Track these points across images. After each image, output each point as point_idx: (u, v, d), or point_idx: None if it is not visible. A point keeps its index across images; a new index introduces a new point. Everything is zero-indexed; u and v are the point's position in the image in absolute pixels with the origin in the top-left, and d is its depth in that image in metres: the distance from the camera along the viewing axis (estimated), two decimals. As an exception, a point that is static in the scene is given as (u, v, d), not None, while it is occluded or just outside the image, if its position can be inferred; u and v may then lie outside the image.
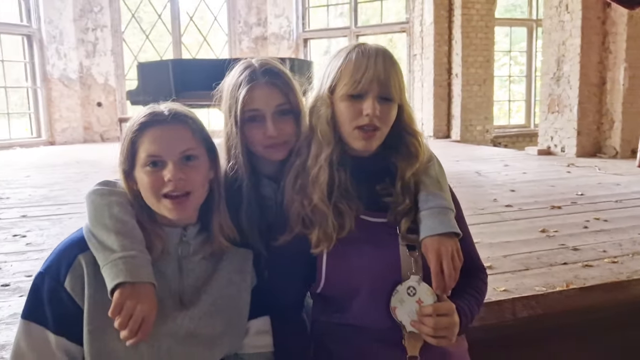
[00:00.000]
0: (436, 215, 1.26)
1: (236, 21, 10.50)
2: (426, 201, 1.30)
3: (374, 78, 1.24)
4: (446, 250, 1.22)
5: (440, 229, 1.24)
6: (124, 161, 1.20)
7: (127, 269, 1.08)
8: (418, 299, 1.23)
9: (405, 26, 9.84)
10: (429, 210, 1.28)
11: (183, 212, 1.18)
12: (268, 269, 1.37)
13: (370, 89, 1.24)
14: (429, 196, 1.30)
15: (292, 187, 1.33)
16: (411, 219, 1.30)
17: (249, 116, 1.39)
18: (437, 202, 1.29)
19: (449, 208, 1.29)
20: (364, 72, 1.24)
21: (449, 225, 1.25)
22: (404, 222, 1.30)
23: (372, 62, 1.25)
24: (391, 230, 1.30)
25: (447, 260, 1.21)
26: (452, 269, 1.21)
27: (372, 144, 1.28)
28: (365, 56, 1.26)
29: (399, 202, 1.31)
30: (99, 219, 1.16)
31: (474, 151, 7.45)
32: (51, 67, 9.16)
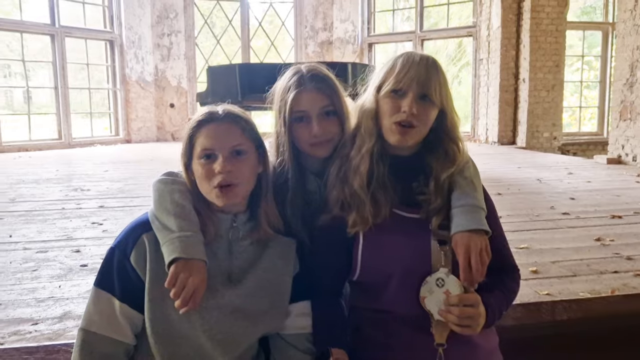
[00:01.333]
0: (467, 212, 1.35)
1: (303, 26, 10.76)
2: (459, 199, 1.39)
3: (414, 77, 1.35)
4: (475, 246, 1.30)
5: (470, 225, 1.33)
6: (184, 154, 1.37)
7: (183, 247, 1.24)
8: (446, 290, 1.33)
9: (471, 30, 9.72)
10: (461, 208, 1.37)
11: (229, 200, 1.32)
12: (310, 256, 1.50)
13: (410, 87, 1.36)
14: (461, 195, 1.39)
15: (336, 175, 1.46)
16: (443, 216, 1.39)
17: (296, 117, 1.53)
18: (469, 200, 1.37)
19: (480, 207, 1.38)
20: (406, 72, 1.36)
21: (479, 223, 1.33)
22: (435, 218, 1.39)
23: (415, 64, 1.37)
24: (423, 226, 1.40)
25: (475, 255, 1.30)
26: (480, 263, 1.30)
27: (406, 139, 1.39)
28: (410, 60, 1.38)
29: (431, 200, 1.41)
30: (162, 204, 1.33)
31: (539, 158, 7.26)
32: (130, 70, 9.79)
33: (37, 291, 2.22)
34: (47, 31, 8.80)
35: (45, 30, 8.81)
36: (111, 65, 9.75)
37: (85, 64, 9.65)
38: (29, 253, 2.79)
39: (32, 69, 11.85)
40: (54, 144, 8.85)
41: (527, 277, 2.39)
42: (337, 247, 1.43)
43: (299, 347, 1.42)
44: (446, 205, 1.41)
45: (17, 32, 8.65)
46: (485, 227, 1.34)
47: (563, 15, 8.69)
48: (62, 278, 2.39)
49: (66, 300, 2.12)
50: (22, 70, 9.36)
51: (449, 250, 1.37)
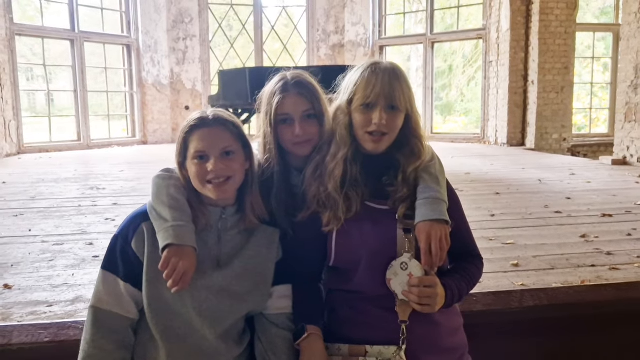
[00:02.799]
0: (430, 204, 1.52)
1: (315, 29, 10.94)
2: (423, 192, 1.55)
3: (381, 93, 1.53)
4: (435, 234, 1.47)
5: (432, 216, 1.49)
6: (179, 154, 1.56)
7: (175, 234, 1.43)
8: (409, 273, 1.49)
9: (481, 33, 9.81)
10: (424, 200, 1.54)
11: (223, 193, 1.51)
12: (292, 245, 1.68)
13: (378, 101, 1.53)
14: (425, 189, 1.56)
15: (312, 175, 1.64)
16: (408, 205, 1.56)
17: (280, 119, 1.72)
18: (432, 193, 1.54)
19: (442, 200, 1.54)
20: (372, 88, 1.53)
21: (440, 214, 1.50)
22: (401, 207, 1.57)
23: (380, 80, 1.54)
24: (391, 216, 1.57)
25: (435, 242, 1.47)
26: (439, 249, 1.47)
27: (380, 146, 1.57)
28: (374, 74, 1.55)
29: (398, 190, 1.58)
30: (159, 197, 1.52)
31: (544, 160, 7.34)
32: (146, 73, 10.08)
33: (52, 278, 2.44)
34: (67, 36, 9.12)
35: (65, 36, 9.13)
36: (128, 69, 10.05)
37: (103, 67, 9.98)
38: (46, 245, 3.01)
39: (53, 72, 12.24)
40: (73, 145, 9.17)
41: (507, 269, 2.55)
42: (315, 239, 1.60)
43: (279, 325, 1.59)
44: (411, 196, 1.57)
45: (39, 37, 8.99)
46: (446, 217, 1.50)
47: (572, 17, 8.73)
48: (76, 267, 2.61)
49: (78, 286, 2.34)
50: (44, 74, 9.68)
51: (413, 238, 1.53)
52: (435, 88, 11.31)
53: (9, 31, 8.24)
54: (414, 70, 16.17)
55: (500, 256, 2.77)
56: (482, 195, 4.54)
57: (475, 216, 3.60)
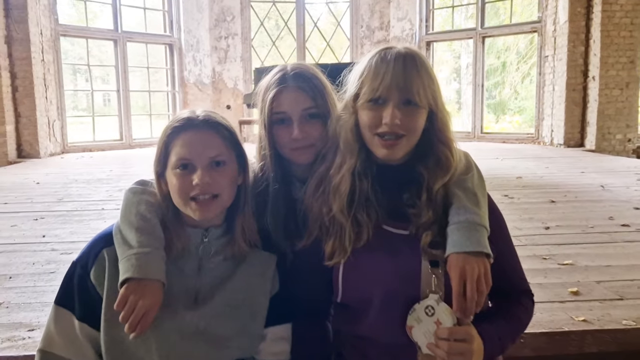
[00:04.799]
0: (464, 230, 1.17)
1: (359, 26, 10.60)
2: (456, 214, 1.21)
3: (392, 84, 1.20)
4: (472, 271, 1.13)
5: (467, 246, 1.15)
6: (157, 162, 1.28)
7: (138, 265, 1.15)
8: (436, 320, 1.16)
9: (536, 26, 9.17)
10: (458, 224, 1.19)
11: (207, 213, 1.23)
12: (292, 273, 1.37)
13: (389, 96, 1.20)
14: (459, 210, 1.21)
15: (313, 193, 1.33)
16: (435, 232, 1.22)
17: (276, 118, 1.42)
18: (468, 216, 1.19)
19: (481, 225, 1.19)
20: (382, 78, 1.20)
21: (477, 244, 1.15)
22: (425, 235, 1.22)
23: (391, 68, 1.20)
24: (413, 243, 1.24)
25: (471, 281, 1.12)
26: (476, 292, 1.12)
27: (395, 152, 1.24)
28: (384, 62, 1.22)
29: (421, 214, 1.24)
30: (127, 215, 1.25)
31: (607, 163, 6.70)
32: (188, 72, 10.01)
33: (46, 294, 2.22)
34: (110, 36, 9.16)
35: (109, 36, 9.17)
36: (170, 68, 10.01)
37: (145, 67, 9.98)
38: (54, 254, 2.83)
39: (97, 72, 12.46)
40: (115, 145, 9.20)
41: (564, 298, 2.14)
42: (322, 266, 1.29)
43: None
44: (440, 219, 1.24)
45: (83, 37, 9.07)
46: (486, 249, 1.15)
47: (639, 7, 8.00)
48: (75, 282, 2.39)
49: (70, 305, 2.10)
50: (87, 74, 9.78)
51: (442, 273, 1.19)
52: (486, 86, 10.72)
53: (54, 32, 8.33)
54: (464, 67, 15.57)
55: (555, 280, 2.35)
56: (535, 203, 4.07)
57: (527, 228, 3.17)
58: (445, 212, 1.25)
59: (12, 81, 7.58)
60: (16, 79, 7.61)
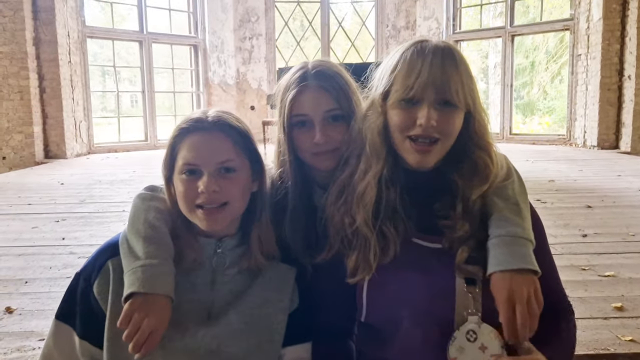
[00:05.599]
0: (508, 245, 1.05)
1: (384, 25, 10.43)
2: (498, 227, 1.09)
3: (428, 82, 1.07)
4: (520, 292, 1.00)
5: (512, 263, 1.03)
6: (165, 166, 1.19)
7: (144, 279, 1.05)
8: (481, 345, 1.04)
9: (568, 24, 8.87)
10: (499, 238, 1.07)
11: (215, 224, 1.14)
12: (312, 288, 1.26)
13: (425, 95, 1.08)
14: (501, 222, 1.09)
15: (335, 202, 1.22)
16: (471, 247, 1.10)
17: (296, 121, 1.32)
18: (511, 229, 1.07)
19: (525, 238, 1.07)
20: (417, 76, 1.08)
21: (523, 260, 1.03)
22: (462, 250, 1.10)
23: (428, 64, 1.08)
24: (446, 259, 1.11)
25: (521, 303, 0.99)
26: (528, 314, 0.99)
27: (428, 159, 1.12)
28: (419, 56, 1.09)
29: (456, 227, 1.12)
30: (134, 223, 1.16)
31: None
32: (212, 73, 10.00)
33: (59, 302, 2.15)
34: (136, 38, 9.20)
35: (134, 37, 9.21)
36: (195, 69, 10.01)
37: (170, 68, 9.99)
38: (72, 258, 2.77)
39: (125, 74, 12.56)
40: (140, 145, 9.23)
41: (607, 314, 1.98)
42: (343, 284, 1.17)
43: None
44: (477, 233, 1.11)
45: (109, 39, 9.13)
46: (533, 265, 1.03)
47: (678, 3, 7.65)
48: (91, 287, 2.32)
49: (84, 313, 2.03)
50: (114, 75, 9.85)
51: (479, 292, 1.07)
52: (515, 86, 10.44)
53: (81, 33, 8.40)
54: (492, 66, 15.24)
55: (597, 294, 2.18)
56: (571, 208, 3.87)
57: (563, 236, 2.99)
58: (482, 224, 1.12)
59: (39, 82, 7.66)
60: (44, 81, 7.69)
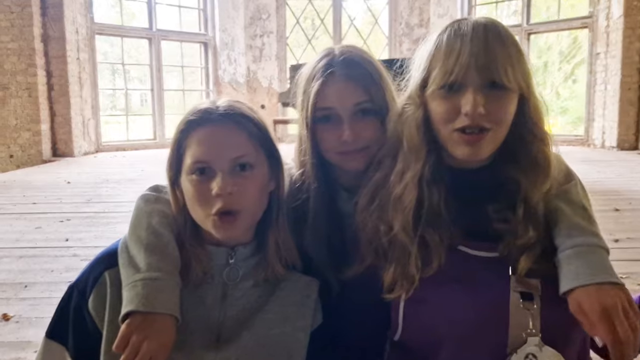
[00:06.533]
0: (586, 256, 0.92)
1: (397, 23, 10.26)
2: (569, 237, 0.95)
3: (470, 62, 0.93)
4: (614, 305, 0.85)
5: (597, 276, 0.89)
6: (170, 166, 1.04)
7: (145, 295, 0.91)
8: None
9: (587, 21, 8.65)
10: (575, 249, 0.93)
11: (232, 231, 0.99)
12: (338, 303, 1.11)
13: (467, 78, 0.93)
14: (572, 230, 0.95)
15: (367, 207, 1.06)
16: (534, 257, 0.96)
17: (321, 115, 1.17)
18: (587, 238, 0.94)
19: (601, 247, 0.94)
20: (457, 57, 0.93)
21: (606, 272, 0.90)
22: (523, 260, 0.95)
23: (467, 42, 0.93)
24: (499, 270, 0.97)
25: (619, 318, 0.85)
26: (630, 330, 0.84)
27: (480, 150, 0.96)
28: (458, 36, 0.95)
29: (518, 232, 0.97)
30: (136, 229, 1.01)
31: (669, 167, 6.20)
32: (222, 71, 9.88)
33: (60, 308, 2.02)
34: (145, 35, 9.10)
35: (144, 34, 9.11)
36: (205, 67, 9.89)
37: (180, 66, 9.88)
38: (75, 261, 2.64)
39: (134, 72, 12.48)
40: (149, 144, 9.12)
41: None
42: (376, 301, 1.03)
43: None
44: (542, 240, 0.97)
45: (118, 36, 9.03)
46: (618, 278, 0.89)
47: (702, -1, 7.43)
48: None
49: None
50: (122, 73, 9.76)
51: (537, 309, 0.93)
52: (530, 85, 10.19)
53: (90, 30, 8.31)
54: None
55: None
56: (598, 211, 3.62)
57: (593, 241, 2.80)
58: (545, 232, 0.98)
59: (47, 80, 7.58)
60: (52, 78, 7.60)
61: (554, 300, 0.94)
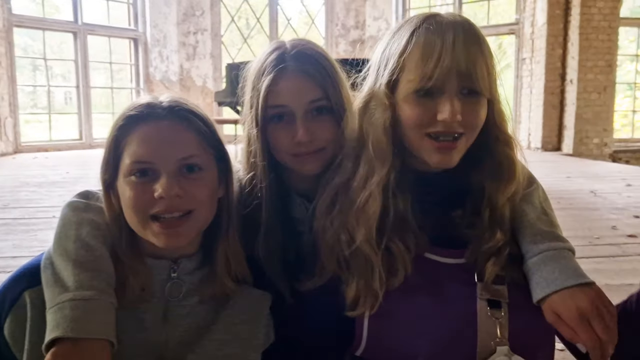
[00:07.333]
0: (555, 261, 0.90)
1: (334, 24, 10.29)
2: (534, 242, 0.94)
3: (452, 67, 0.88)
4: (590, 307, 0.84)
5: (569, 280, 0.87)
6: (105, 168, 0.92)
7: (74, 318, 0.79)
8: None
9: (514, 27, 9.04)
10: (542, 256, 0.92)
11: (176, 240, 0.88)
12: (292, 319, 1.02)
13: (446, 83, 0.89)
14: (536, 235, 0.95)
15: (326, 213, 0.99)
16: (500, 263, 0.93)
17: (273, 113, 1.08)
18: (551, 243, 0.93)
19: (568, 249, 0.93)
20: (437, 61, 0.88)
21: (576, 274, 0.88)
22: (490, 266, 0.93)
23: (450, 45, 0.88)
24: (466, 277, 0.93)
25: (596, 319, 0.83)
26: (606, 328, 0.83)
27: (452, 157, 0.93)
28: (439, 35, 0.89)
29: (484, 237, 0.94)
30: (63, 241, 0.89)
31: (589, 167, 6.57)
32: (154, 69, 9.50)
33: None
34: (70, 29, 8.58)
35: (68, 28, 8.60)
36: (135, 64, 9.47)
37: (108, 62, 9.40)
38: (-11, 273, 2.39)
39: (58, 69, 11.81)
40: (74, 145, 8.62)
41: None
42: (333, 310, 0.96)
43: None
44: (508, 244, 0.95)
45: (39, 29, 8.47)
46: (589, 278, 0.89)
47: (616, 10, 7.94)
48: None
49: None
50: (44, 69, 9.16)
51: (505, 317, 0.90)
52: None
53: (7, 22, 7.73)
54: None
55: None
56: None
57: (530, 240, 2.88)
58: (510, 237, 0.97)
59: (-42, 74, 6.97)
60: (-36, 72, 7.00)
61: (521, 307, 0.92)
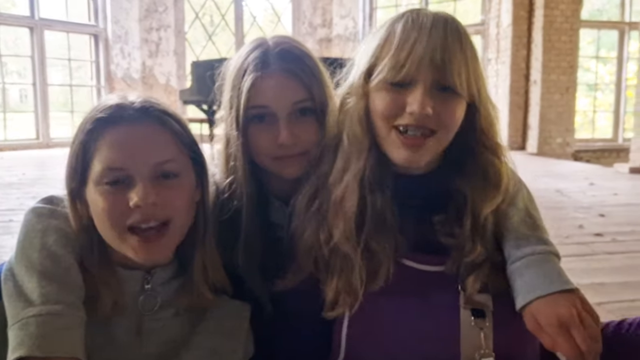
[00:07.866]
0: (538, 265, 0.88)
1: (300, 22, 10.23)
2: (517, 247, 0.90)
3: (424, 57, 0.84)
4: (570, 314, 0.80)
5: (552, 286, 0.85)
6: (72, 175, 0.84)
7: (39, 335, 0.73)
8: None
9: (479, 28, 9.17)
10: (524, 260, 0.89)
11: (155, 252, 0.83)
12: (273, 329, 0.97)
13: (419, 75, 0.85)
14: (519, 240, 0.91)
15: (305, 211, 0.94)
16: (484, 273, 0.89)
17: (255, 114, 1.01)
18: (535, 247, 0.90)
19: (552, 253, 0.90)
20: (410, 50, 0.84)
21: (560, 280, 0.86)
22: (472, 280, 0.88)
23: (425, 35, 0.85)
24: (448, 285, 0.89)
25: (577, 327, 0.79)
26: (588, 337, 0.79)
27: (419, 155, 0.88)
28: (415, 26, 0.86)
29: (466, 248, 0.90)
30: (26, 251, 0.82)
31: (553, 166, 6.70)
32: (115, 66, 9.23)
33: None
34: (26, 23, 8.25)
35: (24, 23, 8.26)
36: (95, 61, 9.17)
37: (67, 59, 9.08)
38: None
39: (13, 65, 11.35)
40: (30, 144, 8.29)
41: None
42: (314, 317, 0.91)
43: None
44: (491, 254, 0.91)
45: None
46: (571, 284, 0.86)
47: (577, 12, 8.15)
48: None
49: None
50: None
51: (490, 327, 0.87)
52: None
53: (-43, 15, 7.36)
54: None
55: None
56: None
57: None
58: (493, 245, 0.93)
59: None
60: None
61: (506, 316, 0.88)
